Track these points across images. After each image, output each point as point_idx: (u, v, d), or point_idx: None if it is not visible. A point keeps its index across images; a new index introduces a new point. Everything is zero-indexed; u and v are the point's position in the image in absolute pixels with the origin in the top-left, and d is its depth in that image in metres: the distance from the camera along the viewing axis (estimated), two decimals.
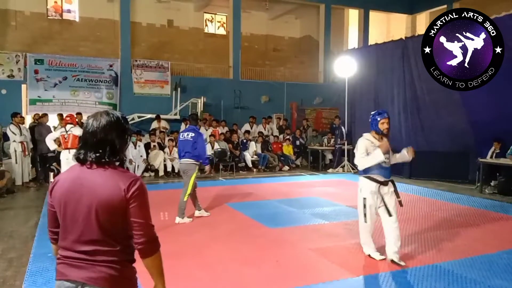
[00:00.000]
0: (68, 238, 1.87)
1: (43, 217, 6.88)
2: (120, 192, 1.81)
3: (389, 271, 4.40)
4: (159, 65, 15.36)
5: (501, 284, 4.11)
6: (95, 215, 1.81)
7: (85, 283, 1.81)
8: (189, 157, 6.51)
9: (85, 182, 1.85)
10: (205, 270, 4.47)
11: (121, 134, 1.95)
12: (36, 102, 13.48)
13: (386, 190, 4.61)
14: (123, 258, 1.87)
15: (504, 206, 7.78)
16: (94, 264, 1.82)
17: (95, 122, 1.90)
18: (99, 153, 1.86)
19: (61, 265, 1.88)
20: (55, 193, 1.91)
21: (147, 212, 1.88)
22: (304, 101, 17.05)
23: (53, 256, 1.88)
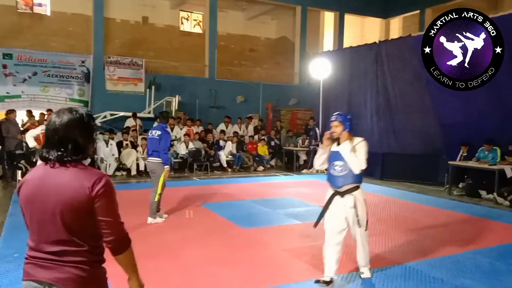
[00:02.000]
0: (35, 239, 1.83)
1: (10, 217, 6.67)
2: (84, 191, 1.76)
3: (358, 271, 4.46)
4: (133, 62, 15.12)
5: (468, 283, 4.23)
6: (60, 216, 1.77)
7: (52, 284, 1.77)
8: (156, 155, 6.35)
9: (49, 181, 1.80)
10: (178, 271, 4.43)
11: (85, 132, 1.89)
12: (4, 99, 13.04)
13: (343, 203, 4.06)
14: (91, 258, 1.83)
15: (471, 208, 8.02)
16: (62, 264, 1.77)
17: (57, 119, 1.84)
18: (61, 151, 1.81)
19: (28, 265, 1.84)
20: (22, 194, 1.87)
21: (114, 210, 1.84)
22: (279, 101, 17.13)
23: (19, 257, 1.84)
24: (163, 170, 6.37)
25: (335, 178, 4.05)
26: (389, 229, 6.32)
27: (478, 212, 7.61)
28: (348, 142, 3.96)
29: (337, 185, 4.05)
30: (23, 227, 1.90)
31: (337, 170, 4.02)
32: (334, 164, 4.05)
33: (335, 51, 14.76)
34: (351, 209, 4.03)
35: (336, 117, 4.06)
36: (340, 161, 3.99)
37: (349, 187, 4.03)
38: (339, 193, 4.06)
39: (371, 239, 5.63)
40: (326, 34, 20.40)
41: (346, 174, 3.99)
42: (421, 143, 10.71)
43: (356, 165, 3.92)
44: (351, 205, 4.02)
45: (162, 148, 6.33)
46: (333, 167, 4.06)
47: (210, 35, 16.68)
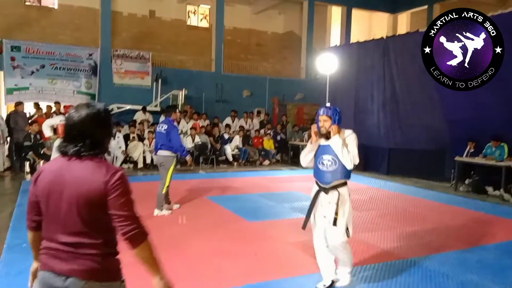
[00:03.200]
0: (51, 229, 1.87)
1: (18, 207, 6.74)
2: (100, 185, 1.80)
3: (363, 265, 4.47)
4: (139, 55, 15.15)
5: (473, 278, 4.24)
6: (77, 208, 1.81)
7: (68, 275, 1.81)
8: (165, 149, 6.48)
9: (67, 174, 1.84)
10: (183, 263, 4.47)
11: (102, 127, 1.93)
12: (13, 91, 13.13)
13: (327, 199, 3.77)
14: (106, 250, 1.87)
15: (477, 204, 8.00)
16: (77, 256, 1.81)
17: (75, 114, 1.89)
18: (78, 146, 1.85)
19: (44, 256, 1.88)
20: (39, 183, 1.91)
21: (129, 203, 1.85)
22: (285, 96, 17.10)
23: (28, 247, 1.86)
24: (171, 162, 6.49)
25: (324, 174, 3.76)
26: (395, 224, 6.32)
27: (484, 209, 7.59)
28: (338, 136, 3.67)
29: (325, 181, 3.75)
30: None
31: (325, 164, 3.73)
32: (323, 158, 3.76)
33: (342, 46, 14.68)
34: (333, 206, 3.69)
35: (324, 111, 3.77)
36: (329, 155, 3.71)
37: (337, 183, 3.73)
38: (324, 190, 3.76)
39: (376, 234, 5.67)
40: (333, 29, 20.30)
41: (335, 169, 3.70)
42: (428, 138, 10.66)
43: (349, 160, 3.63)
44: (335, 202, 3.70)
45: (177, 143, 6.50)
46: (321, 162, 3.76)
47: (217, 29, 16.66)
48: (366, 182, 10.26)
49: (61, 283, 1.81)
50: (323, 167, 3.76)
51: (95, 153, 1.88)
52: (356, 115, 12.55)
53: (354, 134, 3.76)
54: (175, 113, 6.87)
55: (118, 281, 1.91)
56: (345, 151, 3.62)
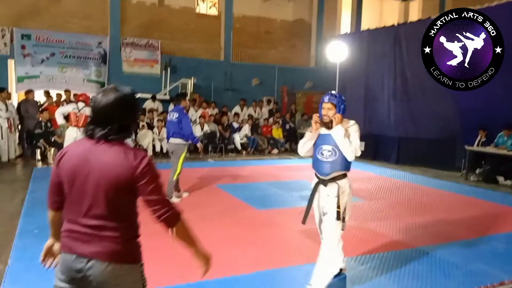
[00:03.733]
0: (75, 212, 1.88)
1: (30, 194, 6.83)
2: (129, 170, 1.82)
3: (372, 254, 4.47)
4: (149, 43, 15.13)
5: (483, 268, 4.22)
6: (103, 191, 1.82)
7: (90, 258, 1.83)
8: (177, 136, 6.59)
9: (94, 158, 1.85)
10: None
11: (130, 111, 1.95)
12: (24, 80, 13.22)
13: (326, 192, 3.55)
14: (128, 233, 1.90)
15: (487, 194, 7.93)
16: (100, 238, 1.83)
17: (103, 98, 1.89)
18: (107, 129, 1.86)
19: (67, 238, 1.89)
20: (63, 165, 1.91)
21: (160, 188, 1.89)
22: (295, 85, 17.00)
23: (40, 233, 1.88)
24: (183, 150, 6.62)
25: (322, 164, 3.55)
26: (404, 213, 6.30)
27: (495, 198, 7.53)
28: (341, 126, 3.46)
29: (323, 172, 3.54)
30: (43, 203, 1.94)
31: (325, 155, 3.53)
32: (322, 148, 3.55)
33: (353, 34, 14.52)
34: (333, 199, 3.48)
35: (329, 98, 3.53)
36: (329, 145, 3.51)
37: (335, 174, 3.53)
38: (323, 182, 3.56)
39: (385, 223, 5.66)
40: (343, 17, 20.04)
41: (335, 160, 3.50)
42: (438, 127, 10.56)
43: (351, 151, 3.44)
44: (334, 195, 3.49)
45: (188, 131, 6.61)
46: (320, 152, 3.56)
47: (226, 17, 16.56)
48: (376, 171, 10.22)
49: (83, 265, 1.83)
50: (322, 158, 3.55)
51: (121, 137, 1.90)
52: (366, 104, 12.46)
53: (356, 125, 3.57)
54: (184, 101, 6.94)
55: (138, 263, 1.95)
56: (347, 141, 3.43)
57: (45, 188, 6.88)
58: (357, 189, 7.84)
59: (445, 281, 3.86)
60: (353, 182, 9.18)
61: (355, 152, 3.47)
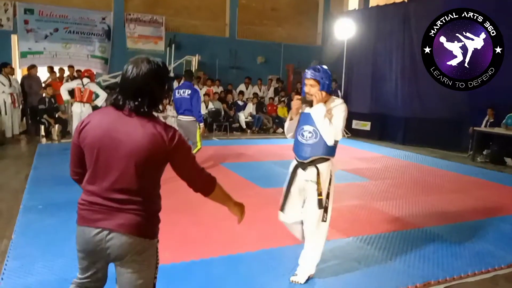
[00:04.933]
0: (99, 184, 1.82)
1: (34, 170, 6.81)
2: (161, 143, 1.78)
3: (378, 233, 4.43)
4: (153, 20, 14.90)
5: (489, 248, 4.18)
6: (134, 166, 1.77)
7: (111, 230, 1.79)
8: (189, 114, 6.59)
9: (124, 129, 1.79)
10: (197, 226, 4.48)
11: (162, 83, 1.89)
12: (27, 55, 13.10)
13: (304, 177, 3.24)
14: (152, 208, 1.88)
15: (495, 175, 7.84)
16: (123, 211, 1.80)
17: (135, 69, 1.81)
18: (138, 101, 1.79)
19: (86, 211, 1.84)
20: (86, 134, 1.83)
21: (194, 160, 1.92)
22: (300, 63, 16.76)
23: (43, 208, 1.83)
24: (197, 126, 6.65)
25: (302, 147, 3.21)
26: (410, 193, 6.24)
27: (502, 180, 7.44)
28: (323, 104, 3.09)
29: (302, 156, 3.21)
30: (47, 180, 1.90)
31: (305, 136, 3.18)
32: (303, 129, 3.21)
33: (361, 10, 14.22)
34: (313, 185, 3.17)
35: (312, 74, 3.14)
36: (310, 126, 3.16)
37: (316, 158, 3.17)
38: (302, 165, 3.23)
39: (391, 203, 5.60)
40: None
41: (315, 143, 3.14)
42: (446, 107, 10.40)
43: (330, 135, 3.06)
44: (313, 179, 3.16)
45: (197, 109, 6.62)
46: (301, 133, 3.22)
47: None
48: (382, 151, 10.14)
49: (103, 237, 1.80)
50: (302, 139, 3.21)
51: (151, 111, 1.85)
52: (373, 82, 12.30)
53: (344, 105, 3.17)
54: (195, 78, 6.92)
55: (155, 239, 1.92)
56: (326, 123, 3.04)
57: (49, 165, 6.91)
58: (363, 169, 7.80)
59: (453, 261, 3.82)
60: (359, 162, 9.18)
61: (336, 135, 3.08)
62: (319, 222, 3.21)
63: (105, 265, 1.94)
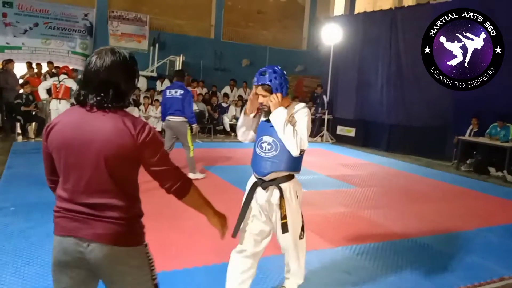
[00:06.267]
0: (70, 189, 1.64)
1: (7, 169, 6.50)
2: (129, 138, 1.61)
3: (367, 243, 4.30)
4: (137, 18, 14.60)
5: (478, 261, 4.08)
6: (105, 163, 1.61)
7: (91, 241, 1.61)
8: (179, 114, 6.40)
9: (89, 127, 1.62)
10: (179, 233, 4.27)
11: (128, 77, 1.71)
12: (4, 50, 12.64)
13: (265, 198, 2.74)
14: (132, 213, 1.70)
15: (479, 184, 7.84)
16: (101, 219, 1.62)
17: (98, 61, 1.65)
18: (100, 96, 1.63)
19: (62, 219, 1.65)
20: (53, 137, 1.66)
21: (166, 157, 1.72)
22: (285, 67, 16.44)
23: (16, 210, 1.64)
24: (187, 127, 6.51)
25: (260, 161, 2.69)
26: (397, 202, 6.16)
27: (487, 189, 7.43)
28: (283, 108, 2.60)
29: (261, 172, 2.69)
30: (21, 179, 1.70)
31: (264, 148, 2.68)
32: (262, 140, 2.70)
33: (347, 16, 14.20)
34: (275, 208, 2.71)
35: (258, 79, 2.64)
36: (270, 136, 2.65)
37: (277, 175, 2.68)
38: (262, 184, 2.73)
39: (378, 212, 5.49)
40: None
41: (276, 156, 2.63)
42: (430, 116, 10.41)
43: (294, 144, 2.54)
44: (276, 202, 2.69)
45: (190, 110, 6.46)
46: (259, 144, 2.71)
47: None
48: (366, 158, 10.08)
49: (83, 249, 1.63)
50: (260, 152, 2.69)
51: (119, 106, 1.67)
52: (358, 88, 12.27)
53: (307, 108, 2.69)
54: (185, 77, 6.79)
55: (142, 245, 1.75)
56: (289, 129, 2.53)
57: (24, 164, 6.56)
58: (349, 175, 7.70)
59: (445, 274, 3.70)
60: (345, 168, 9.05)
61: (302, 144, 2.55)
62: (296, 241, 2.90)
63: (92, 281, 1.74)
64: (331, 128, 12.84)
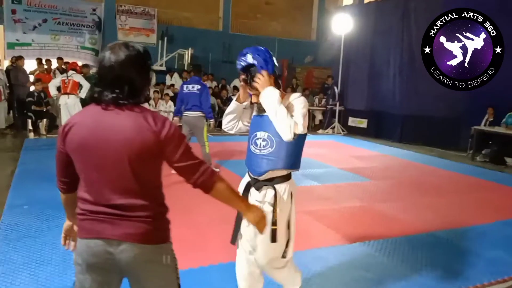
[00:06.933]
0: (94, 190, 1.60)
1: (20, 166, 6.50)
2: (151, 135, 1.56)
3: (384, 239, 4.21)
4: (145, 11, 14.55)
5: (502, 255, 3.97)
6: (128, 162, 1.56)
7: (120, 240, 1.58)
8: (197, 110, 6.36)
9: (109, 126, 1.56)
10: (193, 229, 4.22)
11: (143, 71, 1.65)
12: (14, 46, 12.66)
13: (259, 198, 2.43)
14: (158, 209, 1.68)
15: (496, 175, 7.69)
16: (130, 218, 1.59)
17: (112, 56, 1.59)
18: (116, 92, 1.57)
19: (88, 221, 1.61)
20: (71, 139, 1.59)
21: (189, 151, 1.66)
22: (295, 58, 16.54)
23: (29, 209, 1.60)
24: (204, 123, 6.46)
25: (256, 159, 2.42)
26: (412, 194, 6.05)
27: (504, 180, 7.28)
28: (273, 88, 2.30)
29: (257, 171, 2.42)
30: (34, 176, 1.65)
31: (258, 145, 2.40)
32: (256, 136, 2.43)
33: (358, 6, 13.98)
34: (267, 207, 2.37)
35: (241, 63, 2.40)
36: (264, 131, 2.37)
37: (274, 174, 2.40)
38: (256, 184, 2.44)
39: (394, 205, 5.39)
40: None
41: (272, 153, 2.35)
42: (444, 106, 10.23)
43: (286, 126, 2.23)
44: (269, 203, 2.39)
45: (207, 105, 6.41)
46: (253, 141, 2.44)
47: None
48: (379, 149, 9.95)
49: (113, 249, 1.59)
50: (255, 149, 2.42)
51: (135, 102, 1.60)
52: (370, 79, 12.10)
53: (303, 98, 2.42)
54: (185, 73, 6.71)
55: (168, 242, 1.74)
56: (282, 110, 2.23)
57: (36, 160, 6.54)
58: (362, 168, 7.59)
59: (465, 270, 3.61)
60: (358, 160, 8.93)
61: (294, 127, 2.24)
62: (278, 260, 2.47)
63: (116, 282, 1.71)
64: (343, 119, 12.70)
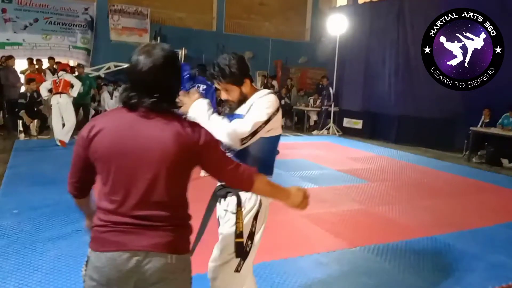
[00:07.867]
0: (120, 201, 1.48)
1: (10, 169, 6.34)
2: (190, 143, 1.49)
3: (385, 243, 4.12)
4: (138, 11, 14.39)
5: (504, 260, 3.90)
6: (165, 174, 1.47)
7: (148, 251, 1.47)
8: None
9: (145, 133, 1.46)
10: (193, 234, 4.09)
11: (178, 75, 1.58)
12: (5, 46, 12.45)
13: (224, 206, 2.28)
14: (184, 219, 1.61)
15: (493, 177, 7.64)
16: (156, 228, 1.49)
17: (148, 60, 1.47)
18: (155, 98, 1.46)
19: (110, 233, 1.48)
20: (99, 145, 1.47)
21: (225, 155, 1.65)
22: (289, 59, 16.47)
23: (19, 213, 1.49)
24: None
25: None
26: (410, 196, 5.97)
27: (500, 181, 7.24)
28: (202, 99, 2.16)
29: None
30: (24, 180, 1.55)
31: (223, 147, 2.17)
32: None
33: (352, 6, 13.93)
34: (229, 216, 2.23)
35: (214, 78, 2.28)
36: None
37: None
38: (221, 190, 2.24)
39: (393, 208, 5.30)
40: None
41: (234, 157, 2.02)
42: (440, 107, 10.18)
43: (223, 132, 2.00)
44: (232, 210, 2.20)
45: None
46: None
47: None
48: (375, 150, 9.88)
49: (138, 261, 1.47)
50: None
51: (172, 108, 1.53)
52: (365, 80, 12.06)
53: (271, 95, 2.17)
54: None
55: (189, 253, 1.65)
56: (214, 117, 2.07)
57: (27, 163, 6.33)
58: (359, 170, 7.51)
59: (468, 275, 3.53)
60: (354, 162, 8.84)
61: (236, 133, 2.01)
62: (231, 274, 2.22)
63: None
64: (338, 120, 12.64)
